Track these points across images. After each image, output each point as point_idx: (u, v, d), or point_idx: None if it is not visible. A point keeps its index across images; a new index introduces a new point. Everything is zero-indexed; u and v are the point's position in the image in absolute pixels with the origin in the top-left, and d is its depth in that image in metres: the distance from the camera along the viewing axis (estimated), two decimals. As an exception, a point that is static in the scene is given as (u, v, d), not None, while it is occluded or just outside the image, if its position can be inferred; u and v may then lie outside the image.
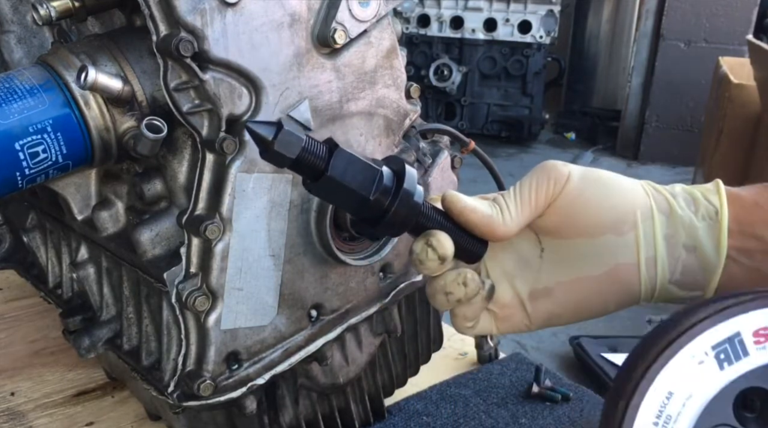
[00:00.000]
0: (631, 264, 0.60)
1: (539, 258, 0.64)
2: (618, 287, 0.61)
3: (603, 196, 0.60)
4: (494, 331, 0.66)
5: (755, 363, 0.45)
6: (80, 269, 0.96)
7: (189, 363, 0.80)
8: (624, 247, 0.60)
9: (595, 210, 0.60)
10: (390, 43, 0.84)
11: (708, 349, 0.45)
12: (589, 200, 0.60)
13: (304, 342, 0.86)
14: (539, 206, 0.61)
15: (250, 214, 0.77)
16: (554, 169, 0.61)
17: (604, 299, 0.62)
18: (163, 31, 0.70)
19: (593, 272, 0.61)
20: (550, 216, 0.62)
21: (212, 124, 0.74)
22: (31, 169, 0.75)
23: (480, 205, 0.61)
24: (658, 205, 0.60)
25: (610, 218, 0.60)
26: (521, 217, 0.61)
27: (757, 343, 0.45)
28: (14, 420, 1.06)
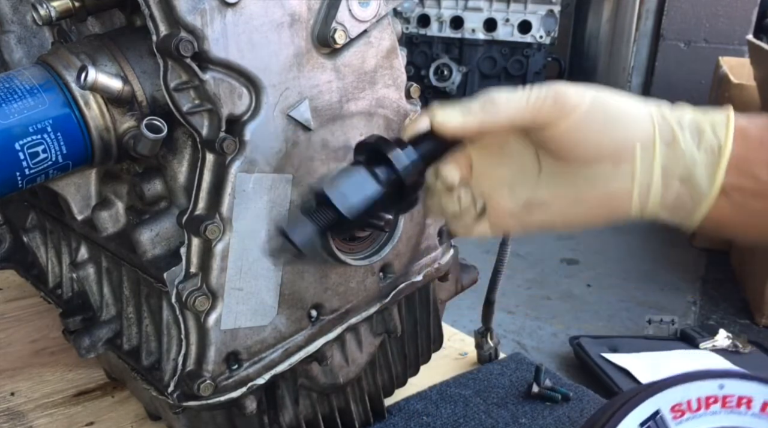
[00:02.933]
0: (625, 191, 0.61)
1: (537, 173, 0.66)
2: (610, 209, 0.63)
3: (605, 127, 0.60)
4: (489, 233, 0.69)
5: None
6: (80, 269, 0.96)
7: (189, 363, 0.80)
8: (619, 176, 0.61)
9: (595, 141, 0.61)
10: (390, 43, 0.84)
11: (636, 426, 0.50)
12: (590, 131, 0.60)
13: (304, 342, 0.86)
14: (517, 120, 0.61)
15: (250, 214, 0.77)
16: (563, 96, 0.60)
17: (595, 215, 0.64)
18: (163, 31, 0.70)
19: (587, 195, 0.63)
20: (550, 139, 0.62)
21: (212, 124, 0.74)
22: (31, 169, 0.75)
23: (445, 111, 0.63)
24: (662, 135, 0.60)
25: (609, 149, 0.61)
26: (482, 123, 0.62)
27: (674, 418, 0.50)
28: (14, 420, 1.06)
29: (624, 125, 0.60)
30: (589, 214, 0.64)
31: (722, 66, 3.09)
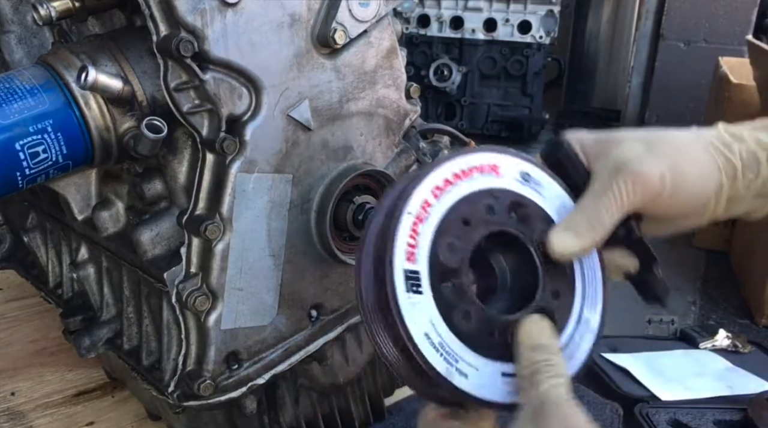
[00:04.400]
0: (697, 223, 0.69)
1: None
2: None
3: (686, 201, 0.66)
4: None
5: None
6: (80, 269, 0.96)
7: (189, 363, 0.80)
8: (694, 219, 0.68)
9: (677, 211, 0.66)
10: (390, 44, 0.84)
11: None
12: (672, 206, 0.65)
13: (304, 341, 0.86)
14: (625, 211, 0.64)
15: (250, 214, 0.77)
16: (644, 174, 0.63)
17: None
18: (164, 31, 0.70)
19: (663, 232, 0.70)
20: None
21: (212, 124, 0.74)
22: (31, 169, 0.75)
23: (580, 240, 0.64)
24: (727, 174, 0.66)
25: (689, 211, 0.67)
26: (609, 227, 0.63)
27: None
28: (14, 420, 1.06)
29: (701, 188, 0.66)
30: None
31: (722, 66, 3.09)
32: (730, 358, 2.06)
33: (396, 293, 0.57)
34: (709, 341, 2.17)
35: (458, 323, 0.59)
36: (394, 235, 0.58)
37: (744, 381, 1.89)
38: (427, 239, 0.59)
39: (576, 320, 0.65)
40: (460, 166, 0.62)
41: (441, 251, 0.59)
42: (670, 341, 2.27)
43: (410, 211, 0.58)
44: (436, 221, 0.60)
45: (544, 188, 0.65)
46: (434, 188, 0.60)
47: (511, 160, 0.64)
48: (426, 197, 0.60)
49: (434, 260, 0.59)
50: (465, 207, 0.61)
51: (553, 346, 0.58)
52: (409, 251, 0.58)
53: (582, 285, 0.66)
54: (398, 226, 0.58)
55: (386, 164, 0.88)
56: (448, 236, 0.60)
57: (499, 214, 0.62)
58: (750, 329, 2.47)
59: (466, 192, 0.61)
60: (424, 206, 0.59)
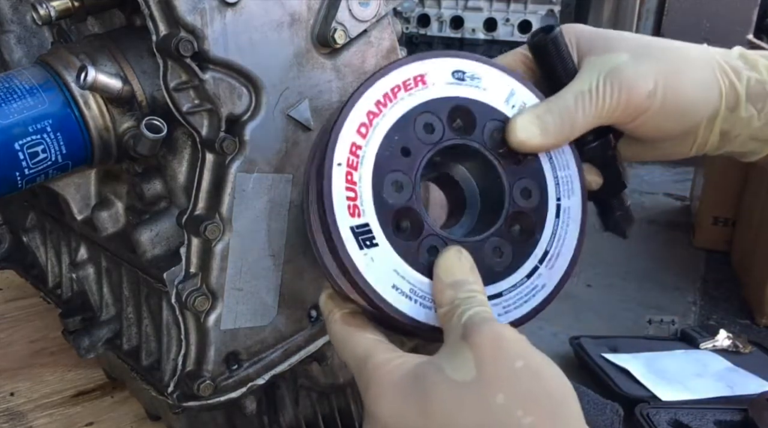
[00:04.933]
0: (684, 152, 0.64)
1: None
2: (666, 157, 0.66)
3: (676, 118, 0.60)
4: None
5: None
6: (80, 270, 0.96)
7: (189, 363, 0.80)
8: (681, 145, 0.63)
9: (665, 130, 0.61)
10: (390, 43, 0.84)
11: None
12: (662, 123, 0.60)
13: (304, 342, 0.86)
14: (602, 119, 0.59)
15: (250, 214, 0.77)
16: (635, 97, 0.58)
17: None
18: (163, 31, 0.70)
19: (649, 155, 0.66)
20: (621, 126, 0.62)
21: (212, 124, 0.74)
22: (30, 169, 0.75)
23: (546, 136, 0.58)
24: (727, 102, 0.60)
25: (678, 132, 0.61)
26: (581, 130, 0.59)
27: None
28: (14, 421, 1.06)
29: (693, 111, 0.60)
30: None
31: (722, 66, 3.08)
32: (730, 358, 2.07)
33: (349, 254, 0.52)
34: (709, 341, 2.17)
35: (425, 261, 0.55)
36: (329, 194, 0.52)
37: (744, 381, 1.89)
38: (367, 185, 0.54)
39: (554, 212, 0.60)
40: (381, 91, 0.55)
41: (386, 193, 0.54)
42: (671, 341, 2.27)
43: (339, 162, 0.53)
44: (371, 163, 0.54)
45: (484, 80, 0.59)
46: (359, 127, 0.54)
47: (436, 62, 0.57)
48: (352, 139, 0.54)
49: (381, 205, 0.54)
50: (399, 136, 0.55)
51: (472, 280, 0.53)
52: (351, 206, 0.53)
53: (553, 172, 0.60)
54: (331, 182, 0.52)
55: (386, 164, 0.88)
56: (389, 173, 0.54)
57: (439, 129, 0.56)
58: (750, 329, 2.47)
59: (395, 118, 0.55)
60: (353, 151, 0.53)
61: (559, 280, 0.60)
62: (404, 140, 0.55)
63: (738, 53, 0.62)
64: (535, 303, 0.58)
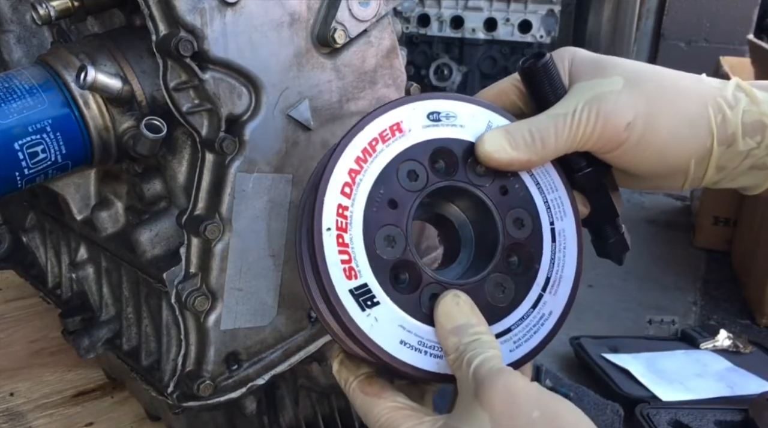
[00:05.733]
0: (676, 186, 0.61)
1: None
2: (659, 188, 0.63)
3: (658, 154, 0.57)
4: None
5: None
6: (80, 270, 0.96)
7: (188, 364, 0.80)
8: (671, 180, 0.61)
9: (647, 166, 0.59)
10: (390, 43, 0.83)
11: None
12: (643, 158, 0.58)
13: (304, 342, 0.86)
14: (575, 144, 0.57)
15: (249, 214, 0.76)
16: (612, 126, 0.55)
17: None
18: (163, 31, 0.70)
19: (639, 185, 0.63)
20: (599, 155, 0.59)
21: (212, 124, 0.74)
22: (30, 169, 0.74)
23: (516, 150, 0.57)
24: (720, 139, 0.57)
25: (663, 170, 0.59)
26: (553, 150, 0.57)
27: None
28: (14, 421, 1.06)
29: (676, 147, 0.57)
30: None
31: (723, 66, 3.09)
32: (731, 358, 2.07)
33: (352, 317, 0.52)
34: (709, 341, 2.17)
35: (428, 310, 0.54)
36: (323, 261, 0.52)
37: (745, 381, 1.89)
38: (359, 245, 0.53)
39: (550, 237, 0.59)
40: (360, 147, 0.54)
41: (380, 250, 0.54)
42: (671, 341, 2.27)
43: (328, 226, 0.52)
44: (360, 221, 0.53)
45: (460, 116, 0.58)
46: (343, 187, 0.53)
47: (410, 107, 0.56)
48: (338, 201, 0.53)
49: (377, 263, 0.53)
50: (384, 189, 0.54)
51: (474, 322, 0.53)
52: (346, 269, 0.52)
53: (542, 196, 0.59)
54: (323, 250, 0.52)
55: (386, 163, 0.87)
56: (380, 229, 0.54)
57: (423, 174, 0.56)
58: (751, 329, 2.46)
59: (378, 172, 0.54)
60: (340, 213, 0.53)
61: (565, 304, 0.59)
62: (390, 192, 0.55)
63: (734, 85, 0.59)
64: (545, 332, 0.58)
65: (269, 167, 0.76)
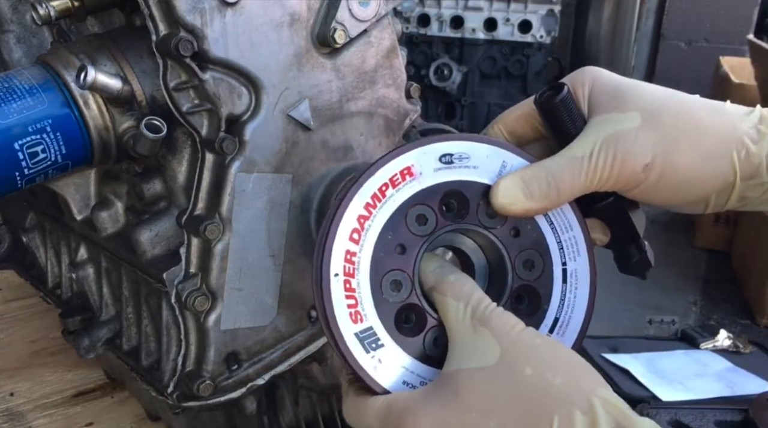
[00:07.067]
0: (698, 211, 0.61)
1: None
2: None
3: (677, 193, 0.57)
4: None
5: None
6: (79, 270, 0.96)
7: (188, 364, 0.80)
8: (694, 208, 0.60)
9: (666, 202, 0.59)
10: (390, 43, 0.83)
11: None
12: (660, 197, 0.57)
13: (304, 342, 0.86)
14: (592, 188, 0.56)
15: (249, 214, 0.76)
16: (626, 158, 0.54)
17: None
18: (163, 31, 0.70)
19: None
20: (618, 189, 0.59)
21: (212, 124, 0.74)
22: (30, 169, 0.74)
23: (531, 200, 0.56)
24: (742, 174, 0.56)
25: (681, 205, 0.59)
26: (568, 197, 0.57)
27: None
28: (13, 421, 1.05)
29: (697, 185, 0.56)
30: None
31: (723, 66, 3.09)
32: (731, 358, 2.06)
33: (356, 359, 0.53)
34: (709, 341, 2.17)
35: (431, 352, 0.55)
36: (330, 306, 0.53)
37: (745, 381, 1.89)
38: (366, 289, 0.54)
39: (561, 278, 0.59)
40: (370, 192, 0.54)
41: (386, 294, 0.54)
42: (671, 341, 2.27)
43: (336, 272, 0.53)
44: (367, 267, 0.54)
45: (473, 157, 0.57)
46: (351, 233, 0.53)
47: (422, 151, 0.56)
48: (346, 247, 0.53)
49: (383, 307, 0.54)
50: (392, 234, 0.54)
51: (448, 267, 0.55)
52: (352, 313, 0.53)
53: (555, 237, 0.59)
54: (330, 295, 0.53)
55: (386, 163, 0.87)
56: (386, 273, 0.54)
57: (432, 218, 0.56)
58: (751, 329, 2.47)
59: (387, 217, 0.54)
60: (348, 259, 0.53)
61: (572, 345, 0.59)
62: (398, 237, 0.55)
63: (759, 116, 0.56)
64: None
65: (269, 167, 0.76)
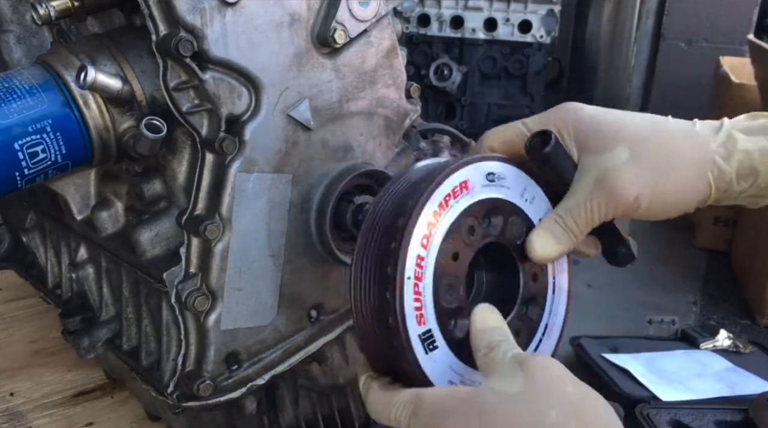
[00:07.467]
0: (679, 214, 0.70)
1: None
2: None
3: (665, 212, 0.67)
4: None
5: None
6: (79, 270, 0.96)
7: (188, 364, 0.80)
8: (675, 216, 0.70)
9: (657, 217, 0.69)
10: (390, 43, 0.83)
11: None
12: (651, 215, 0.68)
13: (304, 342, 0.86)
14: (599, 223, 0.66)
15: (249, 214, 0.76)
16: (619, 194, 0.64)
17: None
18: (163, 31, 0.70)
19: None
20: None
21: (212, 124, 0.74)
22: (30, 169, 0.74)
23: (560, 246, 0.65)
24: (717, 188, 0.66)
25: (668, 216, 0.69)
26: (584, 235, 0.66)
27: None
28: (14, 421, 1.05)
29: (682, 202, 0.67)
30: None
31: (723, 66, 3.09)
32: (731, 358, 2.06)
33: (418, 360, 0.57)
34: (710, 341, 2.17)
35: (470, 354, 0.59)
36: (401, 307, 0.56)
37: (745, 381, 1.89)
38: (429, 293, 0.58)
39: (552, 289, 0.68)
40: (438, 201, 0.59)
41: (443, 299, 0.59)
42: (671, 341, 2.27)
43: (409, 276, 0.57)
44: (431, 272, 0.58)
45: (507, 179, 0.65)
46: (422, 239, 0.58)
47: (475, 167, 0.62)
48: (417, 252, 0.58)
49: (441, 311, 0.59)
50: (450, 242, 0.60)
51: (504, 327, 0.60)
52: (418, 315, 0.57)
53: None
54: (403, 296, 0.56)
55: (386, 164, 0.88)
56: (444, 279, 0.59)
57: (478, 231, 0.62)
58: (751, 329, 2.46)
59: (447, 225, 0.60)
60: (418, 263, 0.58)
61: (554, 347, 0.68)
62: (454, 245, 0.60)
63: (726, 134, 0.66)
64: None
65: (269, 167, 0.76)
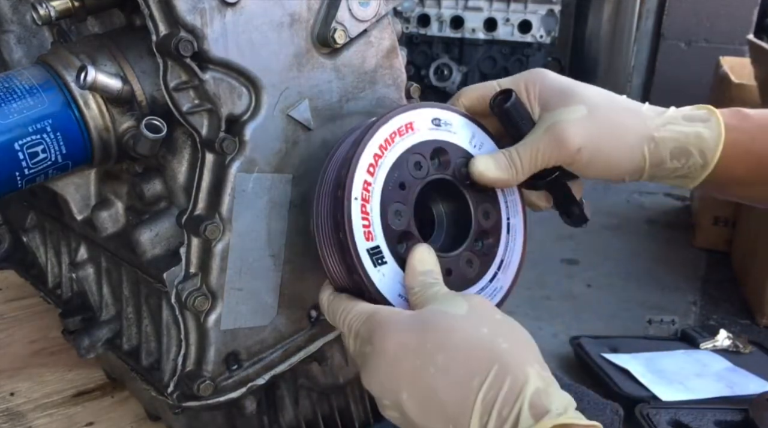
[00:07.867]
0: (618, 182, 0.78)
1: None
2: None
3: (603, 168, 0.74)
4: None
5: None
6: (80, 270, 0.96)
7: (189, 364, 0.80)
8: (615, 182, 0.77)
9: (595, 174, 0.75)
10: (390, 43, 0.84)
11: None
12: (591, 169, 0.74)
13: (304, 342, 0.86)
14: (542, 165, 0.74)
15: (249, 214, 0.77)
16: (564, 142, 0.71)
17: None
18: (163, 31, 0.70)
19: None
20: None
21: (212, 124, 0.74)
22: (30, 169, 0.74)
23: (499, 171, 0.73)
24: (651, 162, 0.74)
25: (607, 176, 0.75)
26: (526, 172, 0.74)
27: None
28: (14, 421, 1.05)
29: (619, 166, 0.74)
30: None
31: (723, 66, 3.09)
32: (730, 358, 2.07)
33: (367, 271, 0.66)
34: (709, 341, 2.17)
35: None
36: (350, 221, 0.65)
37: (745, 381, 1.90)
38: (376, 214, 0.67)
39: (506, 229, 0.76)
40: (383, 136, 0.68)
41: (391, 221, 0.68)
42: (671, 341, 2.28)
43: (356, 196, 0.66)
44: (378, 196, 0.67)
45: (453, 125, 0.73)
46: (368, 167, 0.67)
47: (420, 112, 0.71)
48: (364, 177, 0.67)
49: (388, 231, 0.68)
50: (397, 173, 0.69)
51: (436, 270, 0.67)
52: (366, 232, 0.66)
53: (503, 197, 0.76)
54: (351, 213, 0.65)
55: (386, 164, 0.88)
56: (391, 204, 0.68)
57: (425, 166, 0.71)
58: (751, 329, 2.47)
59: (394, 159, 0.69)
60: (365, 187, 0.67)
61: (511, 282, 0.76)
62: (401, 176, 0.69)
63: (669, 116, 0.74)
64: (496, 301, 0.75)
65: (269, 167, 0.76)
